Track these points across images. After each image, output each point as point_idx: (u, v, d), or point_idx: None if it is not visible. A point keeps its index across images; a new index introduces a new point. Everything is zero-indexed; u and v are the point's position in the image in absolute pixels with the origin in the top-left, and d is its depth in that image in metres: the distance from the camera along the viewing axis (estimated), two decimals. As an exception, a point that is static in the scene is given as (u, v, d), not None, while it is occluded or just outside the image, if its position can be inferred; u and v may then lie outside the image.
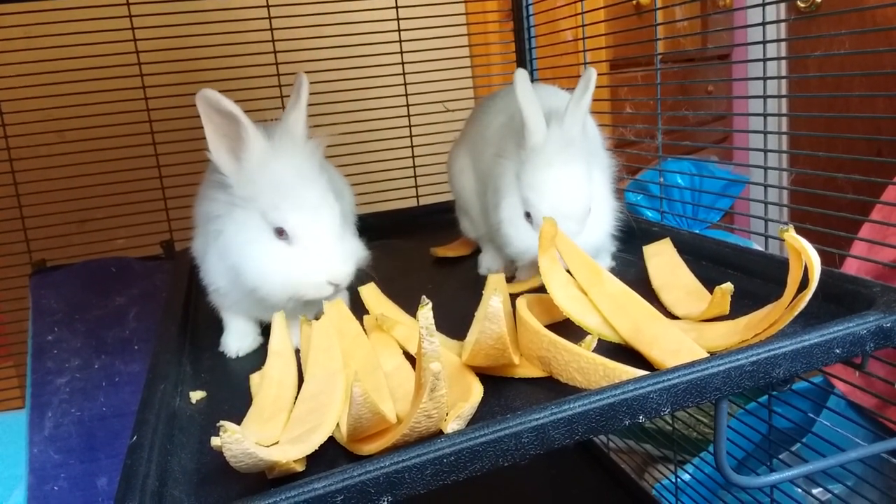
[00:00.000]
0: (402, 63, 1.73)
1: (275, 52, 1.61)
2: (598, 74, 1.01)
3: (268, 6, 1.59)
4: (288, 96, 1.62)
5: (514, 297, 0.85)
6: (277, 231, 0.86)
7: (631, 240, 1.15)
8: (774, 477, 0.76)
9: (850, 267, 1.35)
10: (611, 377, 0.68)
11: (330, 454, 0.64)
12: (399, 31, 1.70)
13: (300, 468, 0.61)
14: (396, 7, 1.70)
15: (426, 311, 0.59)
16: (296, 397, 0.75)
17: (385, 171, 1.71)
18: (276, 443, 0.65)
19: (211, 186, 0.92)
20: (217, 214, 0.90)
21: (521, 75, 0.98)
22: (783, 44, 2.42)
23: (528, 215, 0.98)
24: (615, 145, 1.17)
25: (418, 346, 0.59)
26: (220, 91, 0.86)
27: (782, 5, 2.52)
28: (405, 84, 1.74)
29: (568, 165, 0.95)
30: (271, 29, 1.60)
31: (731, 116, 2.72)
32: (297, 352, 0.89)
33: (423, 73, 1.73)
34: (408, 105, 1.75)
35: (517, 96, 0.97)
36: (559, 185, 0.95)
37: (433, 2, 1.75)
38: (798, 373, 0.68)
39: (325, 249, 0.87)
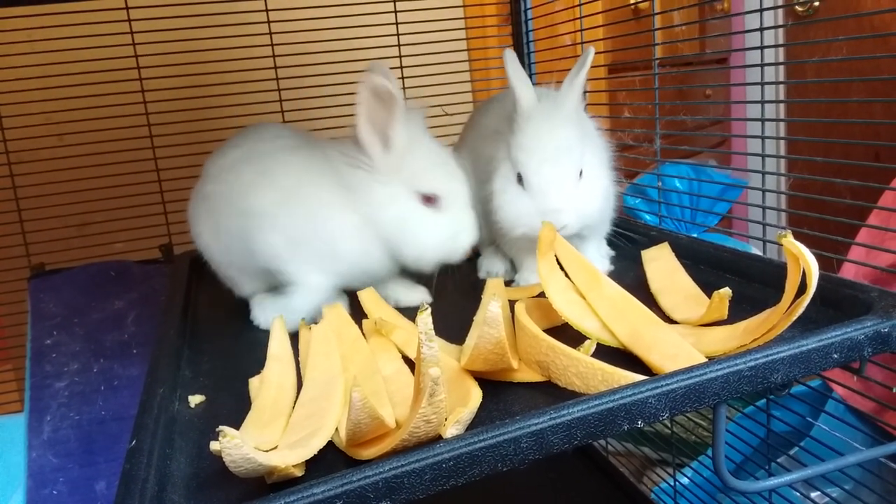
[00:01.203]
0: (401, 67, 1.73)
1: (273, 56, 1.61)
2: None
3: (266, 10, 1.60)
4: (287, 100, 1.64)
5: (512, 301, 0.86)
6: (426, 198, 0.95)
7: (629, 244, 1.16)
8: (772, 481, 0.76)
9: (848, 272, 1.35)
10: (609, 382, 0.68)
11: (329, 459, 0.64)
12: (398, 35, 1.71)
13: (299, 473, 0.61)
14: (395, 12, 1.70)
15: (425, 315, 0.59)
16: (295, 401, 0.75)
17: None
18: (275, 447, 0.65)
19: (318, 174, 0.98)
20: (355, 188, 0.96)
21: (510, 55, 1.03)
22: (781, 49, 2.43)
23: (519, 179, 0.99)
24: (613, 149, 1.17)
25: (417, 350, 0.59)
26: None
27: (780, 11, 2.52)
28: (404, 88, 1.74)
29: (557, 127, 0.98)
30: (270, 33, 1.60)
31: (729, 121, 2.73)
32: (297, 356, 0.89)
33: (422, 78, 1.74)
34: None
35: (507, 73, 1.01)
36: (548, 142, 0.97)
37: (432, 6, 1.75)
38: (796, 377, 0.68)
39: (469, 215, 0.99)
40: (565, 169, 0.97)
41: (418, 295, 1.00)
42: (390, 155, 0.95)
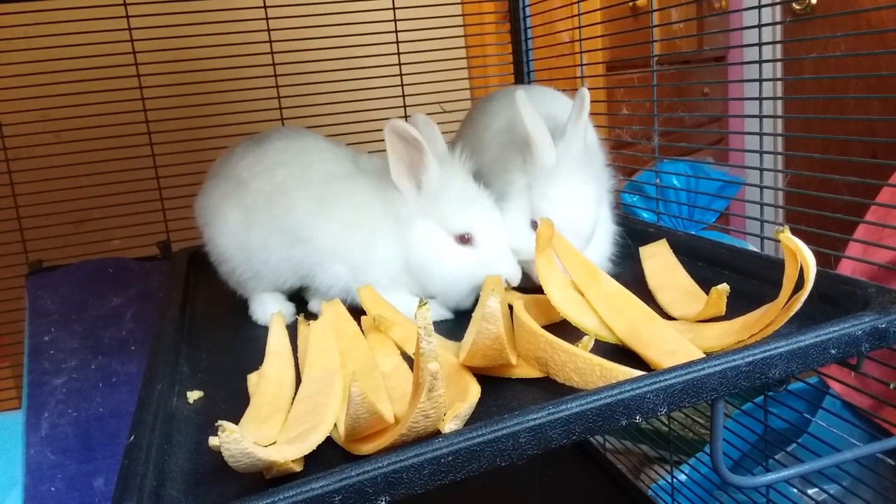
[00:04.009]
0: (399, 64, 1.73)
1: (272, 52, 1.61)
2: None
3: (265, 7, 1.59)
4: (285, 97, 1.64)
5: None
6: (460, 238, 0.95)
7: (627, 241, 1.16)
8: (770, 477, 0.76)
9: (846, 268, 1.36)
10: (607, 377, 0.68)
11: (328, 454, 0.64)
12: (396, 31, 1.71)
13: (298, 468, 0.61)
14: (394, 8, 1.70)
15: (424, 311, 0.59)
16: (293, 397, 0.75)
17: (382, 172, 1.71)
18: (274, 443, 0.65)
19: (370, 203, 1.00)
20: (403, 222, 0.98)
21: (522, 97, 0.97)
22: (779, 46, 2.43)
23: (534, 225, 0.98)
24: (612, 147, 1.17)
25: (416, 345, 0.59)
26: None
27: (778, 8, 2.53)
28: (402, 85, 1.74)
29: (582, 185, 0.98)
30: (268, 30, 1.60)
31: (727, 118, 2.73)
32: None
33: (420, 75, 1.74)
34: (405, 106, 1.75)
35: (522, 119, 0.97)
36: (573, 202, 0.97)
37: (430, 3, 1.75)
38: (794, 373, 0.68)
39: (504, 250, 0.97)
40: (583, 230, 0.98)
41: (441, 312, 1.00)
42: (424, 197, 0.97)
